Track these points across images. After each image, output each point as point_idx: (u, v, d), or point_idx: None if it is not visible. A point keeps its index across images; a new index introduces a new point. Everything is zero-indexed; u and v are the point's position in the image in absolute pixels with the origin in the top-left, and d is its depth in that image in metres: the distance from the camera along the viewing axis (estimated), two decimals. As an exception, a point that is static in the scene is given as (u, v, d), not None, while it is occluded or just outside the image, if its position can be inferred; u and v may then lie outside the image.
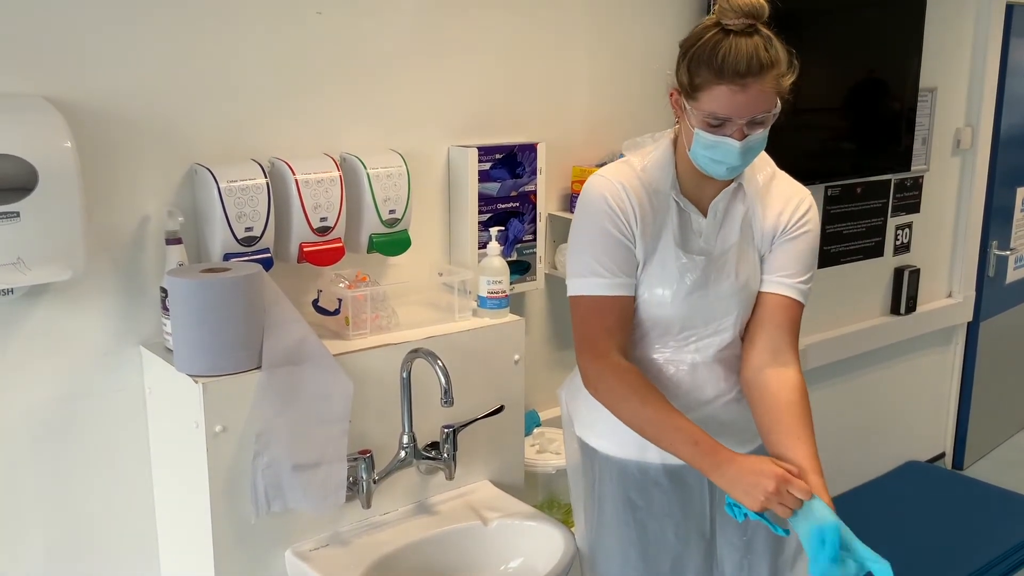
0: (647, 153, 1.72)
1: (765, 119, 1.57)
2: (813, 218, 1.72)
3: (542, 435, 2.33)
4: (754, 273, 1.72)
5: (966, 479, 3.84)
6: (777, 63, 1.54)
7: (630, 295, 1.70)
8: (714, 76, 1.52)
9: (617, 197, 1.67)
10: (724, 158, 1.58)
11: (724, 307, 1.70)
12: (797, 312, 1.71)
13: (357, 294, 1.87)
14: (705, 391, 1.73)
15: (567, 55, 2.35)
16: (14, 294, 1.63)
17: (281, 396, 1.69)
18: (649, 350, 1.74)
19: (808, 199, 1.73)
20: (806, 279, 1.71)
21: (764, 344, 1.69)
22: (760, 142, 1.60)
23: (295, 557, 1.75)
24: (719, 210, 1.70)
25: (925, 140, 3.50)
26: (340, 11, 1.94)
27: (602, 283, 1.66)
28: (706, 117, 1.56)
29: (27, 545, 1.77)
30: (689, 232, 1.70)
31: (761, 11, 1.54)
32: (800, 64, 1.60)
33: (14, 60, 1.60)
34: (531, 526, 1.87)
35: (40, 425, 1.74)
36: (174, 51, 1.76)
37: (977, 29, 3.60)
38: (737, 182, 1.70)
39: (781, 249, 1.71)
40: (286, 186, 1.83)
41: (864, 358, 3.49)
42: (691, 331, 1.72)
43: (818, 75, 2.94)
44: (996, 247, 3.96)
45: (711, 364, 1.73)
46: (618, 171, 1.71)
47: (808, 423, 1.63)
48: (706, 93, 1.54)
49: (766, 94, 1.54)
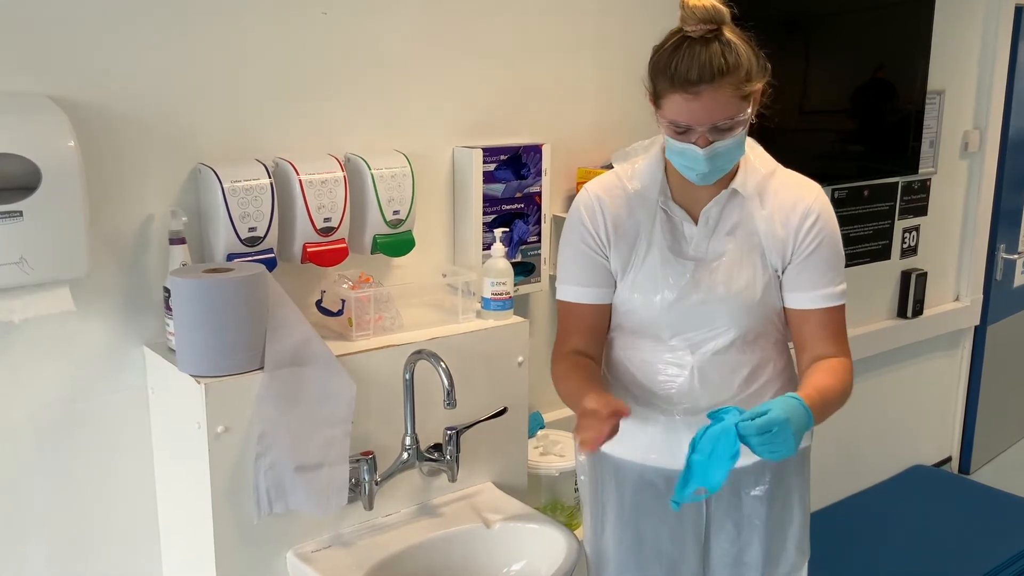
0: (636, 162, 1.74)
1: (730, 125, 1.55)
2: (827, 224, 1.70)
3: (546, 437, 2.32)
4: (755, 280, 1.69)
5: (972, 483, 3.83)
6: (735, 69, 1.52)
7: (597, 303, 1.76)
8: (668, 84, 1.54)
9: (590, 210, 1.74)
10: (692, 164, 1.60)
11: (716, 314, 1.69)
12: (833, 317, 1.71)
13: (361, 295, 1.87)
14: (704, 396, 1.72)
15: (573, 56, 2.35)
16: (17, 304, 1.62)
17: (284, 397, 1.69)
18: (644, 353, 1.75)
19: (815, 204, 1.70)
20: (836, 283, 1.71)
21: (809, 357, 1.71)
22: (730, 148, 1.58)
23: (297, 558, 1.75)
24: (711, 217, 1.69)
25: (933, 143, 3.48)
26: (346, 12, 1.94)
27: (569, 290, 1.77)
28: (669, 124, 1.58)
29: (29, 544, 1.76)
30: (679, 239, 1.71)
31: (720, 15, 1.53)
32: (769, 66, 1.59)
33: (18, 59, 1.60)
34: (534, 529, 1.87)
35: (43, 425, 1.74)
36: (179, 51, 1.75)
37: (986, 31, 3.59)
38: (731, 188, 1.68)
39: (798, 268, 1.69)
40: (290, 186, 1.83)
41: (871, 361, 3.48)
42: (683, 336, 1.72)
43: (825, 77, 2.93)
44: (1004, 251, 3.94)
45: (706, 370, 1.72)
46: (601, 183, 1.77)
47: (822, 373, 1.65)
48: (665, 101, 1.57)
49: (724, 101, 1.52)
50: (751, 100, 1.57)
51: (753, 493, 1.80)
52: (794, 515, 1.84)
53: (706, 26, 1.52)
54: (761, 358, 1.74)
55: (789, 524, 1.84)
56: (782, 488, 1.81)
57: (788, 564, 1.84)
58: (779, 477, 1.80)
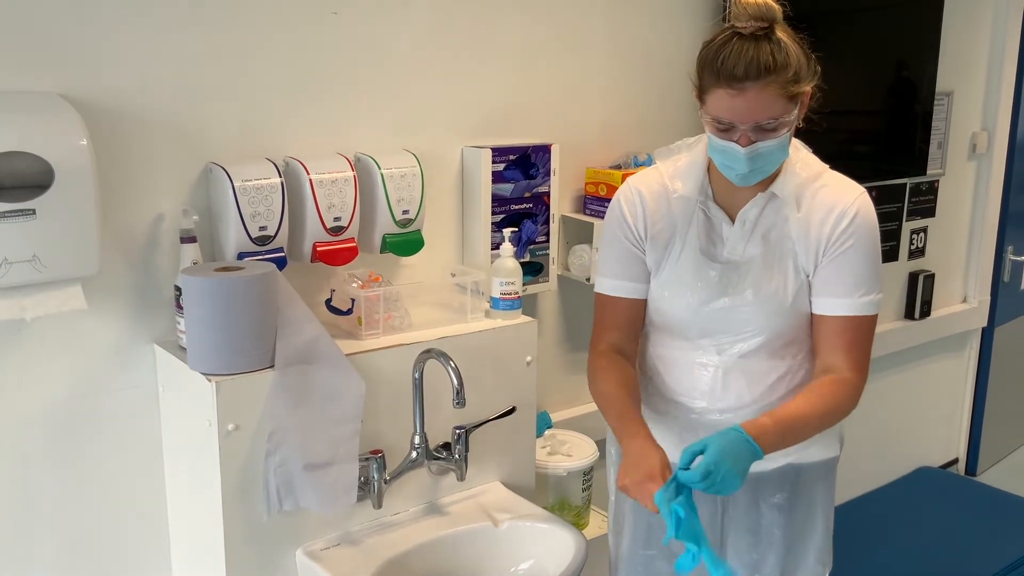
0: (679, 159, 1.72)
1: (774, 126, 1.52)
2: (860, 227, 1.62)
3: (553, 437, 2.32)
4: (786, 286, 1.65)
5: (979, 485, 3.82)
6: (783, 68, 1.49)
7: (634, 297, 1.75)
8: (714, 79, 1.51)
9: (630, 203, 1.73)
10: (732, 163, 1.57)
11: (744, 318, 1.67)
12: (850, 327, 1.63)
13: (370, 294, 1.87)
14: (727, 398, 1.71)
15: (582, 56, 2.35)
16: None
17: (294, 395, 1.69)
18: (673, 350, 1.75)
19: (853, 207, 1.62)
20: (862, 292, 1.63)
21: (820, 366, 1.67)
22: (773, 150, 1.55)
23: (306, 556, 1.76)
24: (748, 219, 1.66)
25: (941, 144, 3.48)
26: (356, 12, 1.94)
27: (607, 283, 1.77)
28: (712, 120, 1.55)
29: (38, 540, 1.77)
30: (715, 240, 1.68)
31: (771, 13, 1.51)
32: (820, 69, 1.56)
33: (31, 58, 1.61)
34: (542, 528, 1.87)
35: (53, 422, 1.75)
36: (190, 51, 1.76)
37: (994, 33, 3.58)
38: (769, 191, 1.65)
39: (826, 269, 1.63)
40: (300, 186, 1.83)
41: (878, 362, 3.45)
42: (710, 337, 1.70)
43: (834, 78, 2.92)
44: (1012, 252, 3.93)
45: (733, 372, 1.70)
46: (643, 177, 1.75)
47: (802, 397, 1.62)
48: (710, 96, 1.54)
49: (769, 100, 1.49)
50: (798, 102, 1.54)
51: (773, 501, 1.77)
52: (816, 525, 1.81)
53: (757, 23, 1.49)
54: (791, 366, 1.71)
55: (811, 534, 1.80)
56: (803, 497, 1.79)
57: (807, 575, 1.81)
58: (801, 486, 1.78)
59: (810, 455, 1.77)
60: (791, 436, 1.57)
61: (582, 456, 2.25)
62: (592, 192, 2.35)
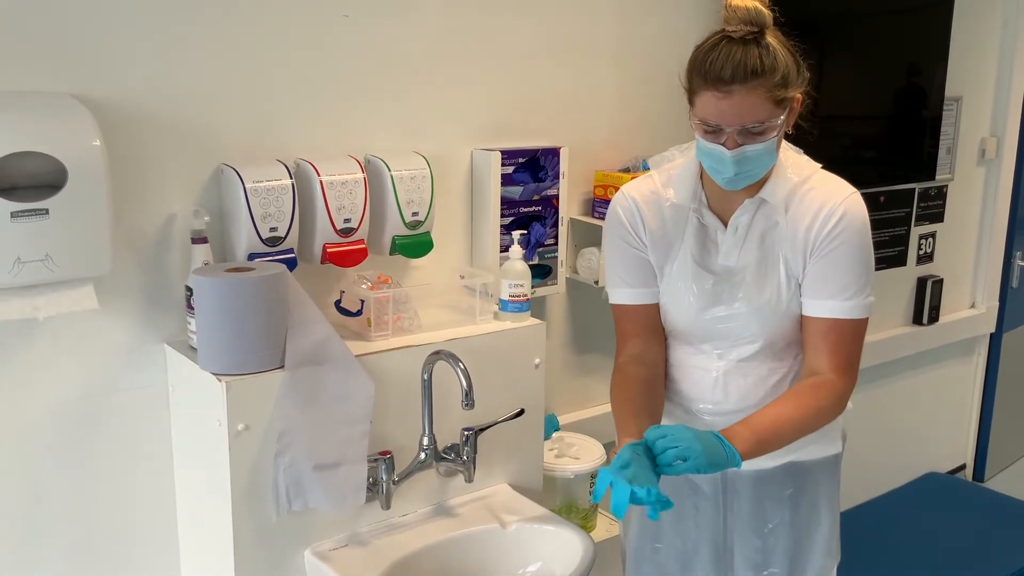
0: (672, 167, 1.73)
1: (761, 129, 1.52)
2: (848, 228, 1.61)
3: (561, 439, 2.33)
4: (779, 292, 1.65)
5: (987, 491, 3.81)
6: (771, 72, 1.49)
7: (649, 302, 1.75)
8: (702, 81, 1.52)
9: (627, 211, 1.73)
10: (718, 167, 1.57)
11: (740, 325, 1.68)
12: (835, 329, 1.62)
13: (379, 295, 1.88)
14: (730, 401, 1.73)
15: (591, 59, 2.35)
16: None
17: (303, 396, 1.70)
18: (678, 353, 1.77)
19: (841, 207, 1.61)
20: (849, 294, 1.61)
21: (806, 368, 1.67)
22: (760, 154, 1.54)
23: (315, 557, 1.76)
24: (740, 225, 1.66)
25: (950, 149, 3.48)
26: (367, 14, 1.95)
27: (621, 293, 1.76)
28: (700, 123, 1.56)
29: (48, 539, 1.78)
30: (709, 247, 1.69)
31: (761, 17, 1.51)
32: (809, 76, 1.56)
33: (44, 59, 1.62)
34: (549, 530, 1.87)
35: (64, 421, 1.75)
36: (202, 52, 1.77)
37: (1004, 38, 3.58)
38: (759, 196, 1.64)
39: (813, 270, 1.63)
40: (311, 187, 1.84)
41: (886, 368, 3.47)
42: (711, 342, 1.72)
43: (842, 83, 2.93)
44: (1020, 258, 3.92)
45: (735, 375, 1.71)
46: (636, 185, 1.76)
47: (781, 400, 1.61)
48: (698, 98, 1.54)
49: (755, 103, 1.49)
50: (786, 107, 1.53)
51: (776, 498, 1.79)
52: (822, 518, 1.82)
53: (747, 27, 1.50)
54: (793, 366, 1.72)
55: (816, 528, 1.82)
56: (807, 493, 1.80)
57: (816, 568, 1.82)
58: (806, 482, 1.79)
59: (811, 452, 1.79)
60: (770, 440, 1.56)
61: (589, 459, 2.25)
62: (601, 195, 2.36)
